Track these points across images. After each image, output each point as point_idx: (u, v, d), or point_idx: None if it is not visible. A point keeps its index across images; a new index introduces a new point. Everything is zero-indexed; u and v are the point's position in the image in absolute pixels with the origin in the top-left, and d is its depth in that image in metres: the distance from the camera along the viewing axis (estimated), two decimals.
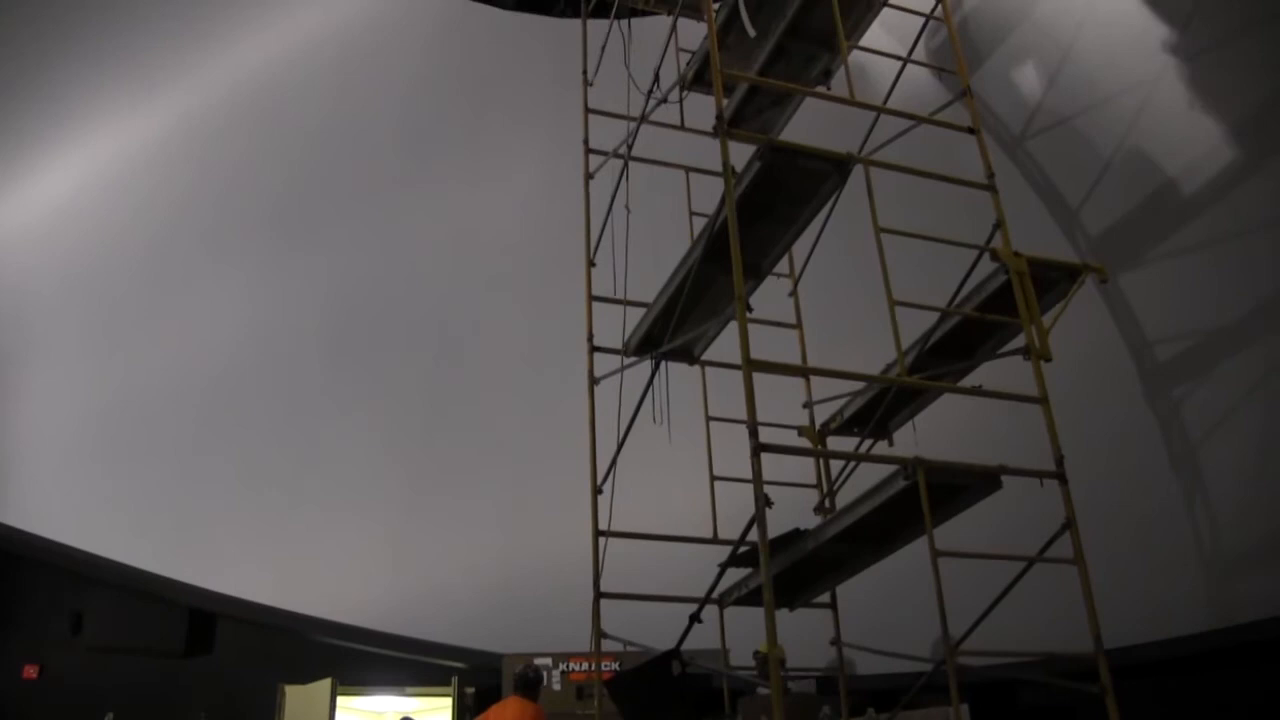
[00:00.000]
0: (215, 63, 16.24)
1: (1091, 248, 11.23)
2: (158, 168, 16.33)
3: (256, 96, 16.46)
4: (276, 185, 16.54)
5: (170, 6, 15.83)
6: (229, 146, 16.48)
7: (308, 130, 16.59)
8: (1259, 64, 9.62)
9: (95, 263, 16.15)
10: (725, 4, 9.15)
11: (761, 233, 7.73)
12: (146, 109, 16.16)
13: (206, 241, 16.42)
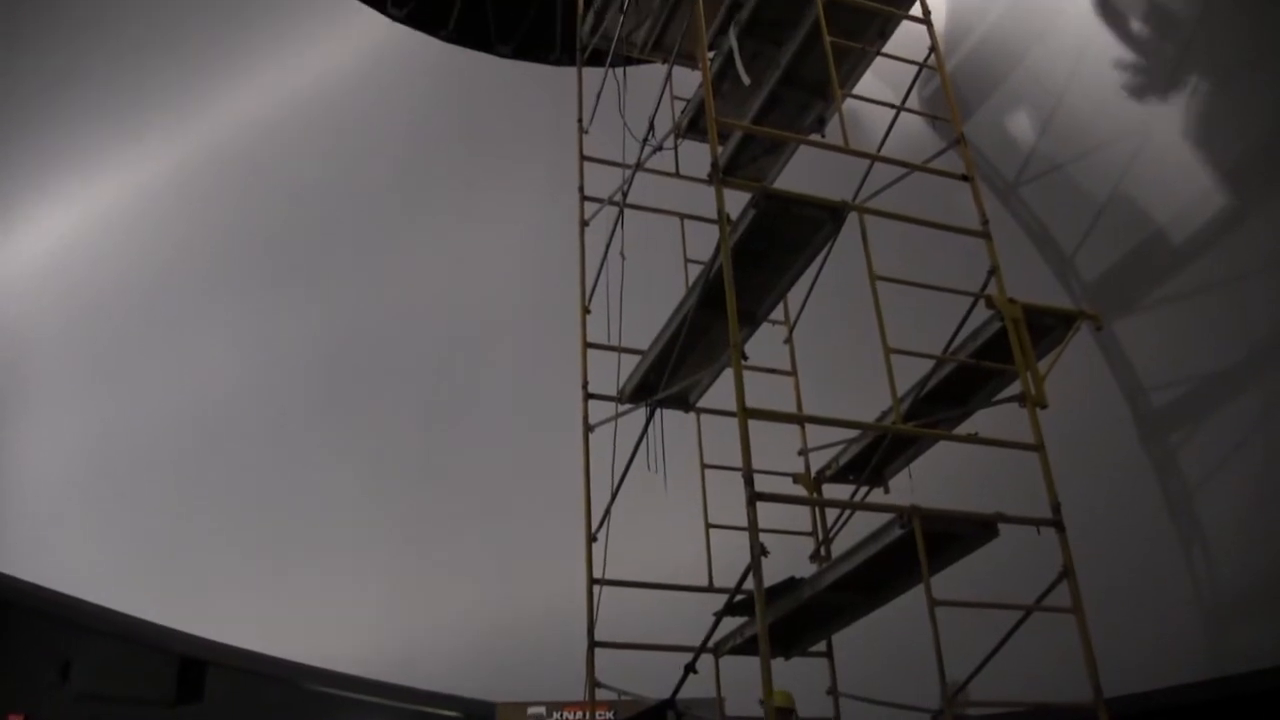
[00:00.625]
0: (214, 108, 16.30)
1: (1086, 293, 11.25)
2: (155, 212, 16.35)
3: (254, 141, 16.51)
4: (273, 231, 16.56)
5: (170, 53, 15.91)
6: (226, 192, 16.52)
7: (305, 176, 16.63)
8: (1248, 111, 9.68)
9: (90, 308, 16.13)
10: (720, 53, 9.20)
11: (756, 280, 7.73)
12: (144, 153, 16.20)
13: (202, 288, 16.42)
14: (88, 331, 16.17)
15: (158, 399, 16.09)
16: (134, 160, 16.20)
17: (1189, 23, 9.87)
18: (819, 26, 8.13)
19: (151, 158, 16.23)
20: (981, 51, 11.64)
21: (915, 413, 8.20)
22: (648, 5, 10.18)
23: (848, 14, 8.71)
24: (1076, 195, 11.26)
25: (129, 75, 15.67)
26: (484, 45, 16.44)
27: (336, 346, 16.35)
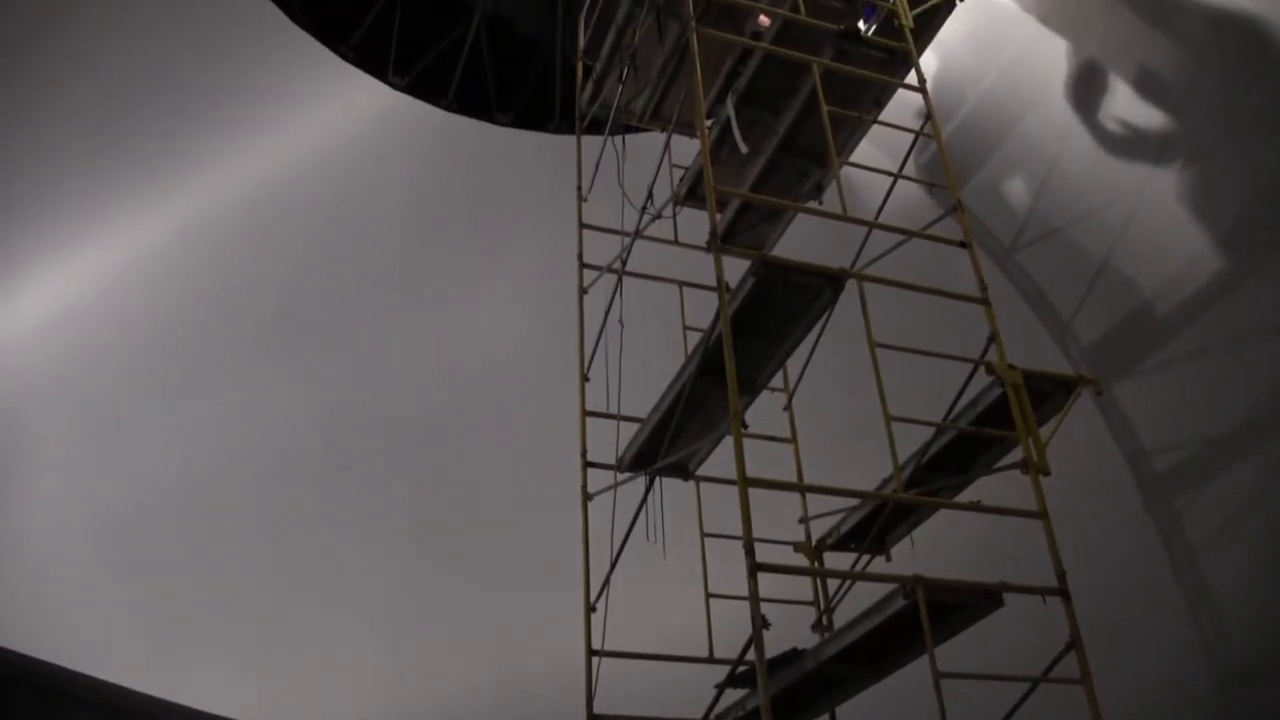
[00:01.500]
0: (214, 174, 16.39)
1: (1085, 357, 11.24)
2: (154, 277, 16.39)
3: (254, 208, 16.59)
4: (272, 297, 16.60)
5: (171, 119, 16.02)
6: (226, 258, 16.57)
7: (304, 242, 16.70)
8: (1242, 176, 9.72)
9: (87, 373, 16.11)
10: (718, 121, 9.28)
11: (756, 347, 7.73)
12: (144, 218, 16.26)
13: (201, 353, 16.41)
14: (85, 396, 16.14)
15: (155, 465, 16.02)
16: (133, 225, 16.26)
17: (1179, 89, 9.95)
18: (816, 95, 8.20)
19: (151, 223, 16.29)
20: (976, 118, 11.73)
21: (917, 480, 8.16)
22: (646, 74, 10.28)
23: (844, 83, 8.80)
24: (1073, 259, 11.29)
25: (129, 140, 15.76)
26: (484, 114, 16.58)
27: (335, 411, 16.31)
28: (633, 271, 9.47)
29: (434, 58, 16.38)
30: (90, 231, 16.20)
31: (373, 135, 16.68)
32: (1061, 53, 10.73)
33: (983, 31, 11.21)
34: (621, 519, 8.48)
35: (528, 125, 16.68)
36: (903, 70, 9.28)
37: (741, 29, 9.74)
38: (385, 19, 16.18)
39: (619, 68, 10.25)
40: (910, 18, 9.20)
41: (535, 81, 16.87)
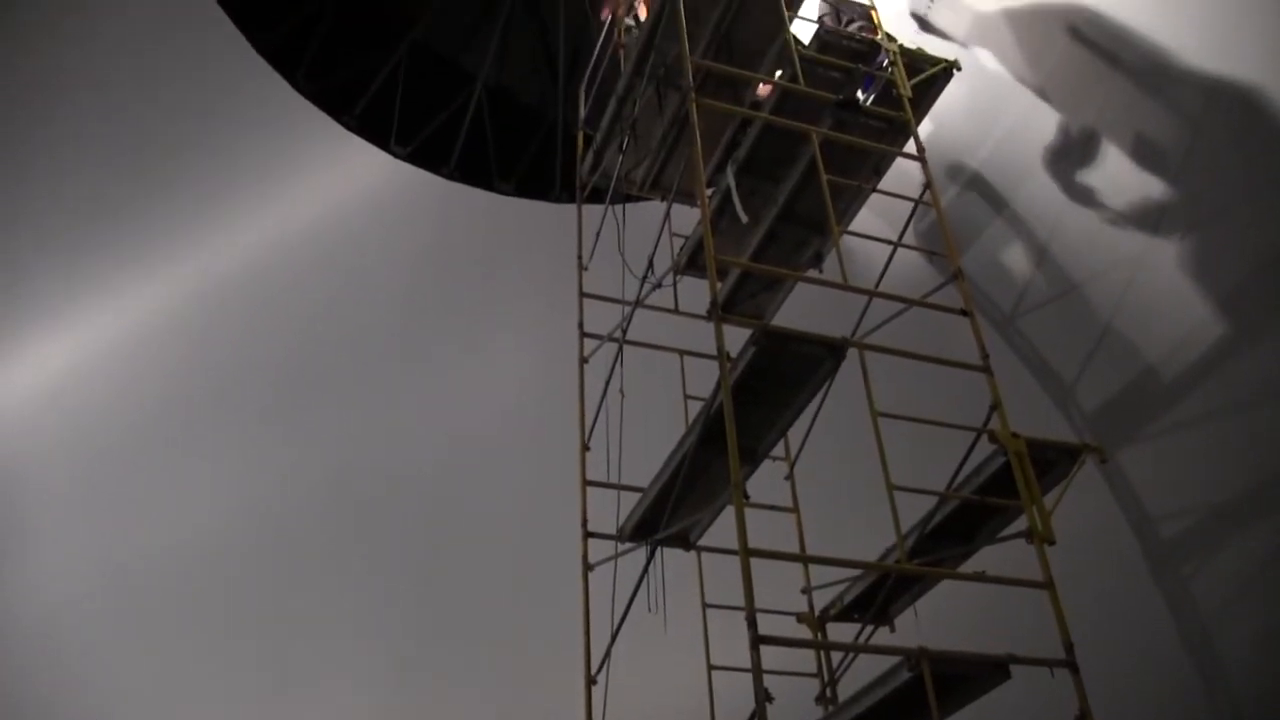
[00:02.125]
0: (215, 240, 16.44)
1: (1088, 424, 11.20)
2: (156, 344, 16.38)
3: (256, 274, 16.62)
4: (273, 362, 16.58)
5: (173, 185, 16.10)
6: (228, 324, 16.57)
7: (306, 309, 16.72)
8: (1241, 240, 9.75)
9: (89, 440, 16.04)
10: (718, 190, 9.34)
11: (757, 417, 7.70)
12: (146, 284, 16.27)
13: (202, 419, 16.37)
14: (88, 461, 16.06)
15: (157, 529, 15.91)
16: (137, 290, 16.27)
17: (1176, 157, 10.01)
18: (815, 164, 8.25)
19: (155, 288, 16.31)
20: (975, 186, 11.79)
21: (920, 550, 8.10)
22: (646, 144, 10.35)
23: (844, 152, 8.87)
24: (1074, 326, 11.29)
25: (132, 205, 15.81)
26: (486, 183, 16.68)
27: (336, 477, 16.24)
28: (633, 340, 9.47)
29: (436, 127, 16.51)
30: (93, 296, 16.22)
31: (375, 203, 16.77)
32: (1058, 121, 10.81)
33: (980, 100, 11.30)
34: (622, 589, 8.42)
35: (529, 194, 16.78)
36: (901, 139, 9.37)
37: (741, 99, 9.84)
38: (388, 88, 16.34)
39: (619, 137, 10.32)
40: (908, 87, 9.30)
41: (536, 150, 17.01)
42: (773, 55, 9.49)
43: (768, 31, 9.35)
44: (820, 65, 9.24)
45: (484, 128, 16.74)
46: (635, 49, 9.78)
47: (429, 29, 16.60)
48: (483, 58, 16.84)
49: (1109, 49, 9.94)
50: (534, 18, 17.08)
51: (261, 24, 15.24)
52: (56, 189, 15.17)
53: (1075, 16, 10.06)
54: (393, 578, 15.90)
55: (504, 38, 16.85)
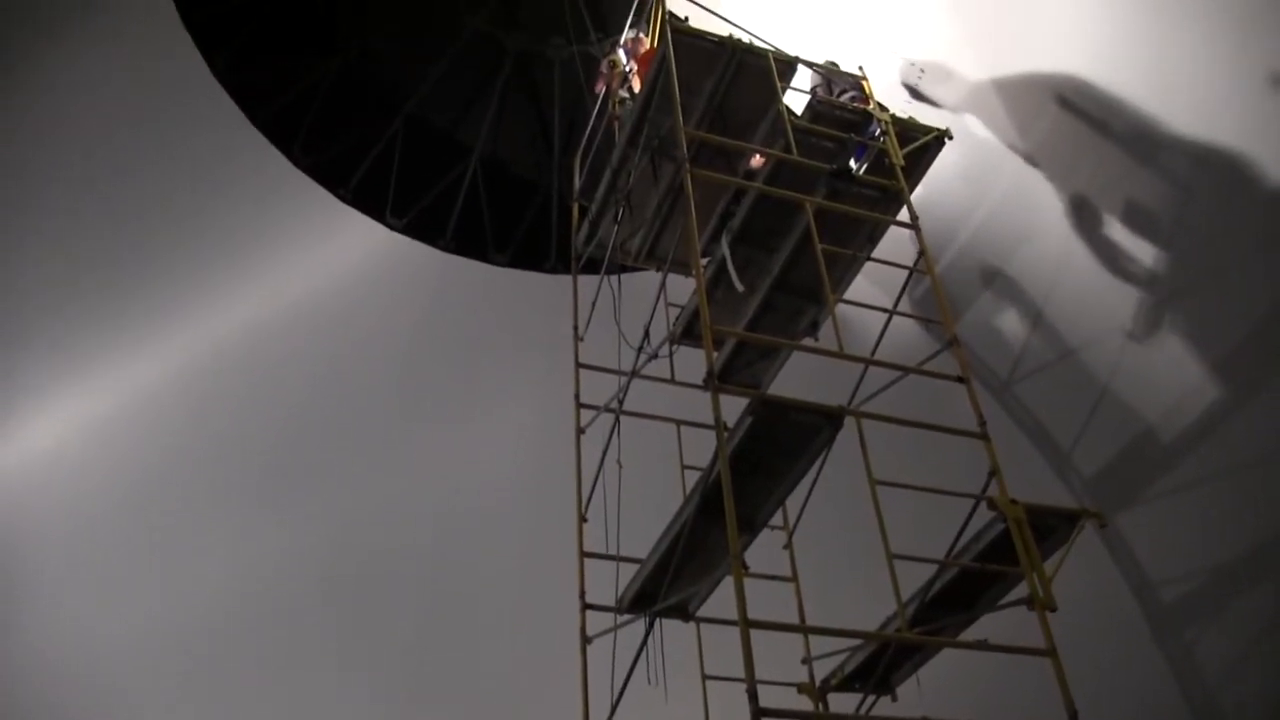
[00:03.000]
0: (212, 313, 16.46)
1: (1086, 489, 11.17)
2: (151, 417, 16.34)
3: (253, 347, 16.62)
4: (270, 436, 16.53)
5: (168, 258, 16.15)
6: (224, 397, 16.54)
7: (303, 381, 16.70)
8: (1233, 304, 9.78)
9: (80, 515, 15.94)
10: (713, 260, 9.38)
11: (755, 486, 7.67)
12: (142, 357, 16.26)
13: (198, 493, 16.28)
14: (79, 537, 15.95)
15: (150, 604, 15.77)
16: (130, 364, 16.26)
17: (1167, 223, 10.07)
18: (810, 234, 8.30)
19: (148, 361, 16.29)
20: (969, 253, 11.85)
21: (921, 618, 8.04)
22: (641, 215, 10.42)
23: (838, 221, 8.93)
24: (1071, 391, 11.29)
25: (127, 279, 15.85)
26: (481, 254, 16.78)
27: (333, 551, 16.13)
28: (630, 411, 9.46)
29: (432, 199, 16.62)
30: (88, 369, 16.20)
31: (370, 275, 16.82)
32: (1050, 188, 10.89)
33: (972, 167, 11.40)
34: (622, 662, 8.32)
35: (524, 265, 16.86)
36: (895, 207, 9.43)
37: (735, 169, 9.92)
38: (384, 160, 16.46)
39: (614, 208, 10.38)
40: (901, 156, 9.38)
41: (531, 221, 17.11)
42: (766, 125, 9.59)
43: (760, 102, 9.46)
44: (813, 135, 9.32)
45: (479, 199, 16.86)
46: (630, 121, 9.88)
47: (425, 102, 16.77)
48: (478, 130, 17.00)
49: (1098, 117, 10.04)
50: (529, 91, 17.28)
51: (258, 98, 15.39)
52: (51, 261, 15.23)
53: (1064, 85, 10.18)
54: (389, 652, 15.75)
55: (499, 111, 17.03)
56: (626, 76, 11.34)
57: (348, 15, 16.56)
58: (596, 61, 15.14)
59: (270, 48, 15.72)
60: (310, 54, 16.28)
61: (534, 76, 17.14)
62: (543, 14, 16.42)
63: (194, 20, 14.62)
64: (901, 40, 11.53)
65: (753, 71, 9.30)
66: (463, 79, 16.90)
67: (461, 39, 16.54)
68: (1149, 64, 9.44)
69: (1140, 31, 9.33)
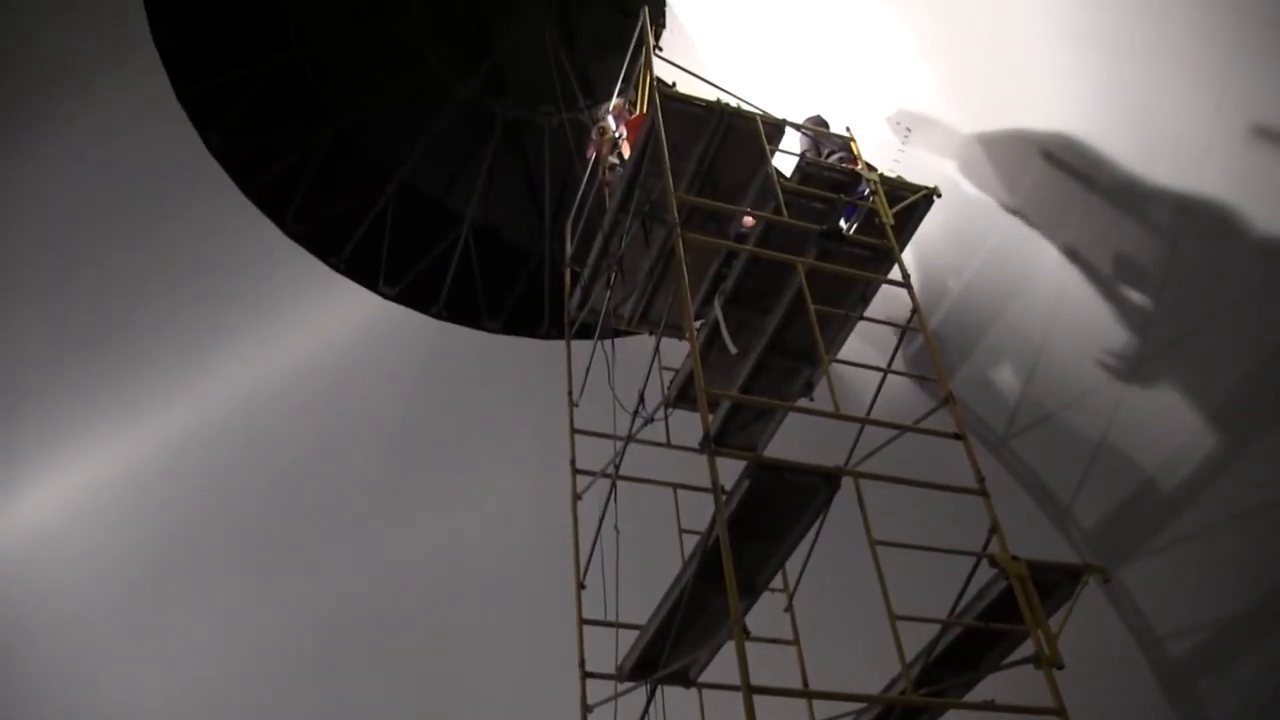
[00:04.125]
0: (204, 383, 16.43)
1: (1087, 543, 11.12)
2: (143, 488, 16.25)
3: (245, 416, 16.57)
4: (263, 506, 16.44)
5: (159, 329, 16.15)
6: (216, 467, 16.47)
7: (294, 450, 16.65)
8: (1227, 352, 9.80)
9: (75, 588, 15.81)
10: (706, 323, 9.38)
11: (754, 549, 7.63)
12: (133, 429, 16.21)
13: (192, 564, 16.16)
14: (72, 613, 15.81)
15: (146, 674, 15.62)
16: (124, 435, 16.19)
17: (1156, 274, 10.12)
18: (802, 295, 8.31)
19: (142, 431, 16.24)
20: (961, 309, 11.89)
21: (925, 679, 7.94)
22: (633, 279, 10.44)
23: (830, 281, 8.95)
24: (1068, 444, 11.28)
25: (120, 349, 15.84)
26: (474, 321, 16.81)
27: (328, 619, 16.00)
28: (626, 475, 9.42)
29: (424, 266, 16.69)
30: (79, 444, 16.13)
31: (364, 344, 16.84)
32: (1040, 242, 10.95)
33: (962, 224, 11.46)
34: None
35: (517, 331, 16.89)
36: (886, 265, 9.46)
37: (726, 231, 9.96)
38: (376, 229, 16.55)
39: (606, 273, 10.41)
40: (890, 215, 9.42)
41: (524, 287, 17.18)
42: (756, 187, 9.63)
43: (750, 164, 9.50)
44: (803, 196, 9.37)
45: (472, 266, 16.92)
46: (620, 186, 9.93)
47: (416, 170, 16.90)
48: (469, 197, 17.11)
49: (1084, 171, 10.12)
50: (519, 158, 17.42)
51: (251, 169, 15.50)
52: (41, 332, 15.23)
53: (1049, 141, 10.27)
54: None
55: (490, 178, 17.16)
56: (616, 142, 11.42)
57: (339, 86, 16.72)
58: (586, 128, 15.28)
59: (262, 120, 15.84)
60: (302, 125, 16.42)
61: (524, 143, 17.29)
62: (532, 82, 16.58)
63: (187, 94, 14.76)
64: (887, 98, 11.64)
65: (741, 135, 9.36)
66: (454, 147, 17.03)
67: (452, 108, 16.70)
68: (1132, 117, 9.53)
69: (1122, 85, 9.42)
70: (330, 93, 16.68)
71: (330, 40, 16.43)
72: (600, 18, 16.26)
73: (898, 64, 11.52)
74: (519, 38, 16.63)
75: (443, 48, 16.71)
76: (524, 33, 16.48)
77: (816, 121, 11.04)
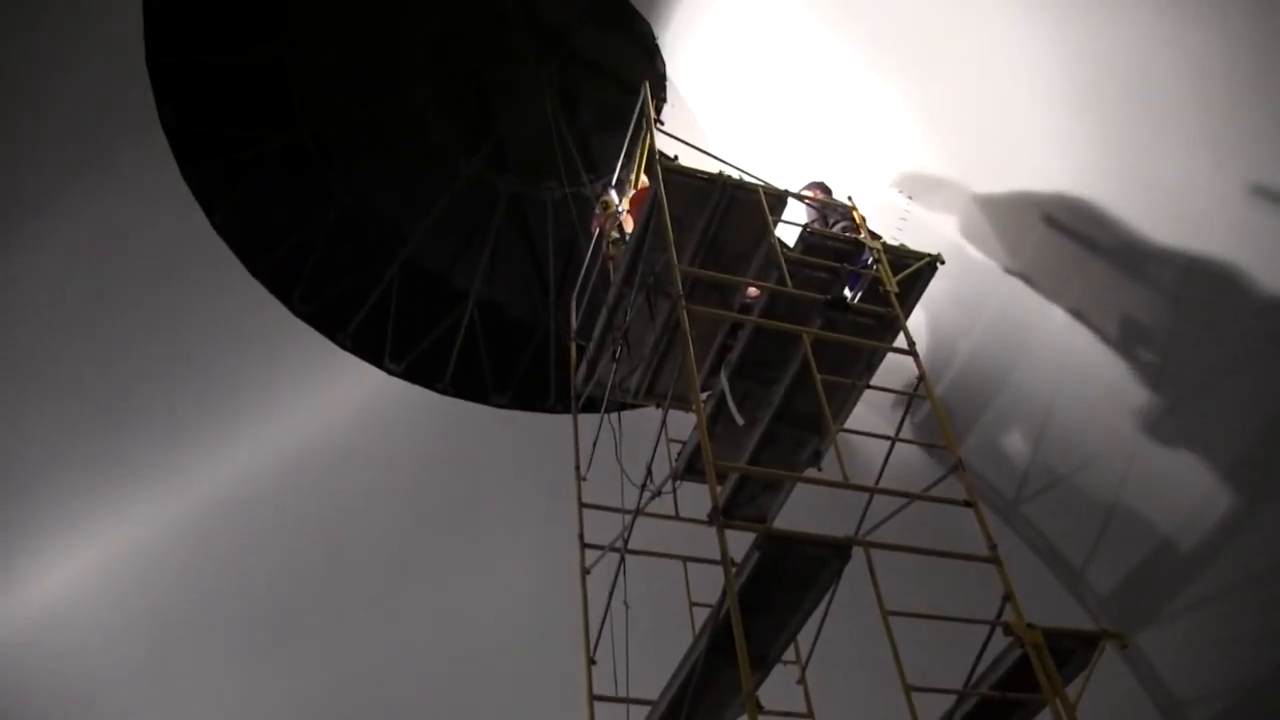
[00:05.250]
0: (209, 462, 16.40)
1: (1102, 608, 11.00)
2: (149, 571, 16.17)
3: (251, 496, 16.52)
4: (270, 585, 16.35)
5: (161, 410, 16.16)
6: (222, 546, 16.40)
7: (300, 528, 16.58)
8: (1236, 411, 9.76)
9: (80, 668, 15.71)
10: (713, 394, 9.37)
11: (765, 622, 7.56)
12: (139, 511, 16.16)
13: (195, 644, 16.06)
14: (78, 692, 15.69)
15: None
16: (132, 514, 16.14)
17: (1161, 334, 10.11)
18: (808, 365, 8.31)
19: (150, 511, 16.18)
20: (967, 374, 11.87)
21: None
22: (639, 352, 10.45)
23: (835, 350, 8.94)
24: (1080, 508, 11.20)
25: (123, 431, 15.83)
26: (480, 396, 16.79)
27: (336, 699, 15.84)
28: (635, 549, 9.36)
29: (430, 342, 16.72)
30: (87, 523, 16.06)
31: (370, 421, 16.83)
32: (1044, 306, 10.96)
33: (965, 290, 11.49)
34: None
35: (524, 406, 16.87)
36: (892, 333, 9.46)
37: (730, 302, 9.98)
38: (381, 306, 16.61)
39: (612, 347, 10.42)
40: (894, 283, 9.45)
41: (530, 362, 17.17)
42: (759, 258, 9.67)
43: (753, 235, 9.55)
44: (806, 266, 9.41)
45: (477, 341, 16.96)
46: (624, 259, 9.98)
47: (420, 246, 16.99)
48: (474, 273, 17.19)
49: (1085, 233, 10.17)
50: (522, 233, 17.52)
51: (256, 248, 15.61)
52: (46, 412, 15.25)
53: (1049, 203, 10.33)
54: None
55: (494, 253, 17.25)
56: (619, 216, 11.50)
57: (343, 164, 16.88)
58: (589, 202, 15.40)
59: (267, 198, 15.98)
60: (306, 203, 16.55)
61: (527, 218, 17.41)
62: (534, 157, 16.74)
63: (192, 173, 14.91)
64: (888, 165, 11.74)
65: (744, 206, 9.42)
66: (457, 223, 17.15)
67: (455, 184, 16.84)
68: (1132, 179, 9.59)
69: (1120, 148, 9.50)
70: (334, 170, 16.82)
71: (334, 119, 16.61)
72: (602, 92, 16.44)
73: (898, 130, 11.63)
74: (521, 113, 16.80)
75: (445, 124, 16.88)
76: (526, 108, 16.66)
77: (818, 186, 11.12)
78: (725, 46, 13.40)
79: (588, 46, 16.34)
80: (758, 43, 12.66)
